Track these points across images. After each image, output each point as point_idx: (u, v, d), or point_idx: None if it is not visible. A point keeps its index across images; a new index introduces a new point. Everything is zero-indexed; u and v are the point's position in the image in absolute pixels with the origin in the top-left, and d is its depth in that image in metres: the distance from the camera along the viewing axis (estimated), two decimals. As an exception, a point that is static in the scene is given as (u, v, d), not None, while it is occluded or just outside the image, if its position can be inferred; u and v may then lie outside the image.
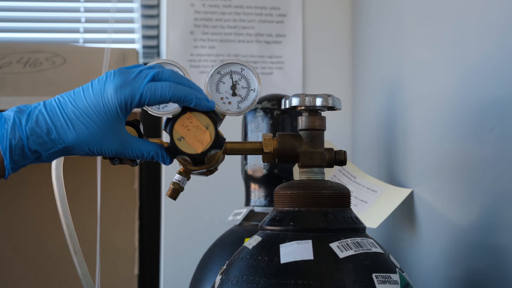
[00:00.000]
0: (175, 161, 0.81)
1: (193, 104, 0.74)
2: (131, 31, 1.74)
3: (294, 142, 0.83)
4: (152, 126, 1.60)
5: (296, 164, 0.84)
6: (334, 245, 0.76)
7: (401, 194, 1.13)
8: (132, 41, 1.75)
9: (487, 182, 0.86)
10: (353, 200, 1.13)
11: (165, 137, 1.02)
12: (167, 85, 0.73)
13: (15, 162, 0.71)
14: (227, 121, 0.85)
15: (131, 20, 1.73)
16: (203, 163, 0.78)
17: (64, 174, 0.83)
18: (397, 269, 0.77)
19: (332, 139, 1.12)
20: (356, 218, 0.82)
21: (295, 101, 0.83)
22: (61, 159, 0.83)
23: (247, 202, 1.20)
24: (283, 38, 1.59)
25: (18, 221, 1.73)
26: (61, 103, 0.71)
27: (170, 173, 1.56)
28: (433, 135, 1.05)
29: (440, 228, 1.02)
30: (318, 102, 0.82)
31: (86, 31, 1.73)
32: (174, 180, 0.85)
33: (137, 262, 1.70)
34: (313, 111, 0.83)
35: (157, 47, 1.73)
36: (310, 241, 0.76)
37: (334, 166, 0.85)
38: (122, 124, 0.73)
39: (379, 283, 0.74)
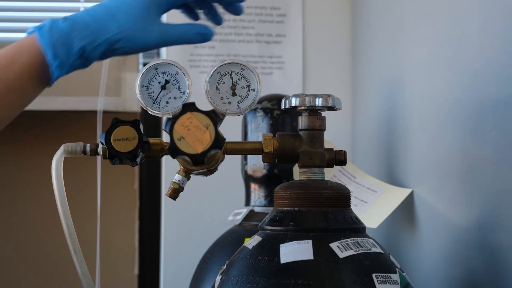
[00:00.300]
0: (175, 161, 0.81)
1: None
2: (131, 31, 1.73)
3: (294, 142, 0.83)
4: (152, 126, 1.60)
5: (296, 164, 0.84)
6: (334, 245, 0.76)
7: (401, 194, 1.13)
8: (132, 41, 1.74)
9: (487, 182, 0.86)
10: (353, 200, 1.13)
11: (165, 137, 1.02)
12: None
13: (60, 60, 0.71)
14: (227, 121, 0.85)
15: (131, 20, 1.72)
16: (203, 163, 0.78)
17: (64, 174, 0.83)
18: (397, 269, 0.77)
19: (332, 139, 1.12)
20: (356, 218, 0.82)
21: (295, 101, 0.83)
22: (61, 159, 0.83)
23: (247, 202, 1.20)
24: (283, 38, 1.59)
25: (18, 221, 1.73)
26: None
27: (170, 173, 1.56)
28: (433, 135, 1.05)
29: (440, 228, 1.02)
30: (318, 102, 0.82)
31: (86, 31, 1.72)
32: (174, 180, 0.85)
33: (137, 262, 1.70)
34: (313, 111, 0.83)
35: (157, 47, 1.73)
36: (310, 241, 0.76)
37: (334, 166, 0.85)
38: (159, 15, 0.74)
39: (379, 283, 0.74)
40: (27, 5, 1.75)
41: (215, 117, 0.78)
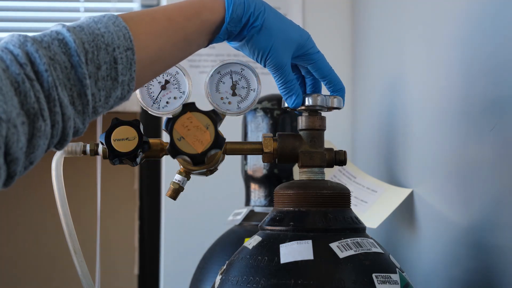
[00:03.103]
0: (175, 161, 0.81)
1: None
2: (131, 31, 1.74)
3: (294, 142, 0.83)
4: (152, 126, 1.60)
5: (296, 164, 0.84)
6: (334, 245, 0.76)
7: (401, 194, 1.13)
8: (132, 41, 1.75)
9: (487, 182, 0.86)
10: (353, 200, 1.13)
11: (165, 137, 1.02)
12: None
13: (232, 20, 0.76)
14: (227, 121, 0.86)
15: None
16: (203, 163, 0.78)
17: (64, 174, 0.83)
18: (397, 269, 0.77)
19: (332, 139, 1.12)
20: (356, 218, 0.82)
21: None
22: (61, 159, 0.83)
23: (247, 202, 1.20)
24: (283, 38, 1.59)
25: (18, 221, 1.73)
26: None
27: (170, 173, 1.56)
28: (433, 135, 1.05)
29: (440, 228, 1.02)
30: (318, 102, 0.82)
31: (86, 31, 1.72)
32: (174, 180, 0.85)
33: (137, 262, 1.70)
34: (313, 111, 0.83)
35: (157, 47, 1.73)
36: (310, 241, 0.76)
37: (334, 166, 0.85)
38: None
39: (379, 283, 0.74)
40: (27, 5, 1.75)
41: (215, 117, 0.78)
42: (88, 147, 0.83)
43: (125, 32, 0.68)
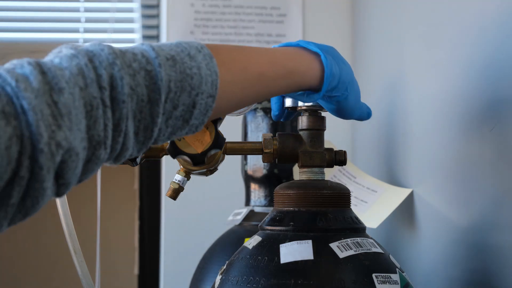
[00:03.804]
0: (175, 161, 0.81)
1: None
2: (131, 31, 1.74)
3: (294, 142, 0.83)
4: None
5: (296, 164, 0.84)
6: (334, 245, 0.76)
7: (401, 194, 1.13)
8: (132, 41, 1.75)
9: (487, 182, 0.86)
10: (353, 200, 1.13)
11: (165, 137, 1.02)
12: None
13: (323, 92, 0.76)
14: (227, 121, 0.85)
15: (131, 20, 1.73)
16: (203, 163, 0.78)
17: (64, 174, 0.83)
18: (397, 269, 0.77)
19: (332, 139, 1.12)
20: (356, 218, 0.82)
21: (295, 101, 0.83)
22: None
23: (247, 202, 1.20)
24: (283, 38, 1.59)
25: (18, 221, 1.73)
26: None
27: (170, 173, 1.56)
28: (433, 135, 1.05)
29: (440, 228, 1.02)
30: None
31: (86, 31, 1.73)
32: (174, 180, 0.85)
33: (137, 262, 1.70)
34: (313, 111, 0.83)
35: (157, 47, 1.73)
36: (310, 241, 0.76)
37: (334, 166, 0.85)
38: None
39: (379, 283, 0.74)
40: (27, 5, 1.75)
41: (215, 117, 0.78)
42: (88, 147, 0.83)
43: (214, 79, 0.64)
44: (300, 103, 0.83)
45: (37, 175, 0.51)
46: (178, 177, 0.85)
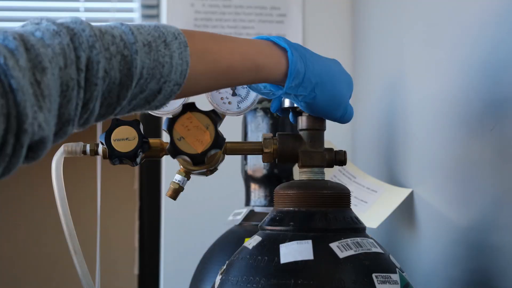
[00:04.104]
0: (175, 161, 0.81)
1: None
2: (131, 31, 1.73)
3: (294, 142, 0.83)
4: (152, 126, 1.60)
5: (296, 164, 0.84)
6: (334, 245, 0.76)
7: (401, 194, 1.13)
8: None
9: (487, 182, 0.86)
10: (353, 200, 1.13)
11: (165, 137, 1.02)
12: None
13: (288, 87, 0.75)
14: (227, 121, 0.85)
15: (131, 20, 1.73)
16: (203, 163, 0.78)
17: (64, 174, 0.83)
18: (397, 269, 0.77)
19: (332, 139, 1.12)
20: (356, 218, 0.81)
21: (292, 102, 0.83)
22: (61, 159, 0.83)
23: (247, 202, 1.20)
24: (283, 38, 1.59)
25: (18, 221, 1.73)
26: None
27: (170, 173, 1.56)
28: (433, 135, 1.05)
29: (440, 228, 1.02)
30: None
31: (86, 31, 1.72)
32: (174, 180, 0.85)
33: (137, 262, 1.70)
34: (313, 111, 0.83)
35: (157, 47, 1.73)
36: (310, 241, 0.76)
37: (334, 166, 0.85)
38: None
39: (379, 283, 0.74)
40: (27, 5, 1.75)
41: (215, 117, 0.78)
42: (88, 147, 0.83)
43: (185, 69, 0.66)
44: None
45: (17, 152, 0.53)
46: (178, 177, 0.85)
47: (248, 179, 1.19)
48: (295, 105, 0.83)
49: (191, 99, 0.81)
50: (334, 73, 0.80)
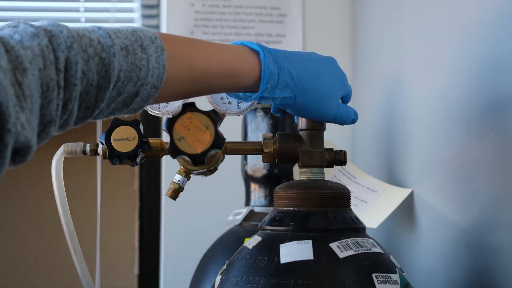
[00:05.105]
0: (175, 161, 0.81)
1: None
2: (131, 31, 1.73)
3: (294, 142, 0.83)
4: (152, 126, 1.60)
5: (296, 164, 0.84)
6: (334, 245, 0.76)
7: (401, 194, 1.13)
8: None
9: (487, 182, 0.86)
10: (353, 200, 1.13)
11: (165, 137, 1.02)
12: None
13: (263, 90, 0.74)
14: (227, 121, 0.85)
15: (131, 20, 1.73)
16: (203, 163, 0.78)
17: (64, 174, 0.83)
18: (397, 269, 0.77)
19: (332, 139, 1.12)
20: (356, 218, 0.82)
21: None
22: (61, 159, 0.83)
23: (247, 202, 1.20)
24: (283, 38, 1.59)
25: (18, 221, 1.73)
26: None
27: (170, 173, 1.56)
28: (433, 135, 1.05)
29: (440, 228, 1.02)
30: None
31: (86, 31, 1.72)
32: (174, 180, 0.85)
33: (137, 262, 1.70)
34: (313, 111, 0.83)
35: (157, 47, 1.72)
36: (310, 241, 0.76)
37: (334, 166, 0.85)
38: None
39: (379, 283, 0.74)
40: (27, 5, 1.75)
41: (215, 117, 0.78)
42: (88, 147, 0.83)
43: (161, 72, 0.66)
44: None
45: (1, 152, 0.53)
46: (178, 177, 0.85)
47: (248, 179, 1.19)
48: None
49: (191, 99, 0.81)
50: (318, 73, 0.78)
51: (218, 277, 0.81)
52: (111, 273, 1.71)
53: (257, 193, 1.18)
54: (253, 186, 1.18)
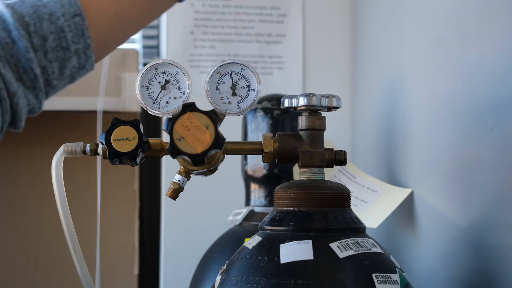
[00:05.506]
0: (175, 161, 0.81)
1: None
2: (131, 31, 1.73)
3: (294, 142, 0.83)
4: (152, 126, 1.60)
5: (296, 164, 0.84)
6: (334, 245, 0.76)
7: (401, 194, 1.13)
8: (132, 41, 1.75)
9: (487, 182, 0.86)
10: (353, 200, 1.13)
11: (165, 137, 1.02)
12: None
13: None
14: (227, 121, 0.85)
15: (131, 20, 1.72)
16: (203, 163, 0.78)
17: (64, 174, 0.83)
18: (397, 269, 0.77)
19: (332, 139, 1.12)
20: (356, 218, 0.82)
21: (295, 101, 0.83)
22: (61, 159, 0.83)
23: (247, 202, 1.20)
24: (283, 38, 1.59)
25: (18, 221, 1.73)
26: None
27: (170, 173, 1.56)
28: (433, 135, 1.05)
29: (440, 228, 1.02)
30: (318, 102, 0.82)
31: (86, 31, 1.72)
32: (174, 180, 0.85)
33: (137, 262, 1.70)
34: (313, 111, 0.83)
35: (157, 47, 1.73)
36: (310, 241, 0.76)
37: (334, 166, 0.85)
38: None
39: (379, 283, 0.74)
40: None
41: (215, 117, 0.78)
42: (88, 147, 0.83)
43: (73, 2, 0.64)
44: (300, 103, 0.82)
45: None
46: (178, 177, 0.85)
47: (248, 179, 1.19)
48: (295, 105, 0.83)
49: (191, 99, 0.81)
50: None
51: (218, 277, 0.81)
52: (111, 273, 1.71)
53: (257, 193, 1.18)
54: (253, 186, 1.18)
